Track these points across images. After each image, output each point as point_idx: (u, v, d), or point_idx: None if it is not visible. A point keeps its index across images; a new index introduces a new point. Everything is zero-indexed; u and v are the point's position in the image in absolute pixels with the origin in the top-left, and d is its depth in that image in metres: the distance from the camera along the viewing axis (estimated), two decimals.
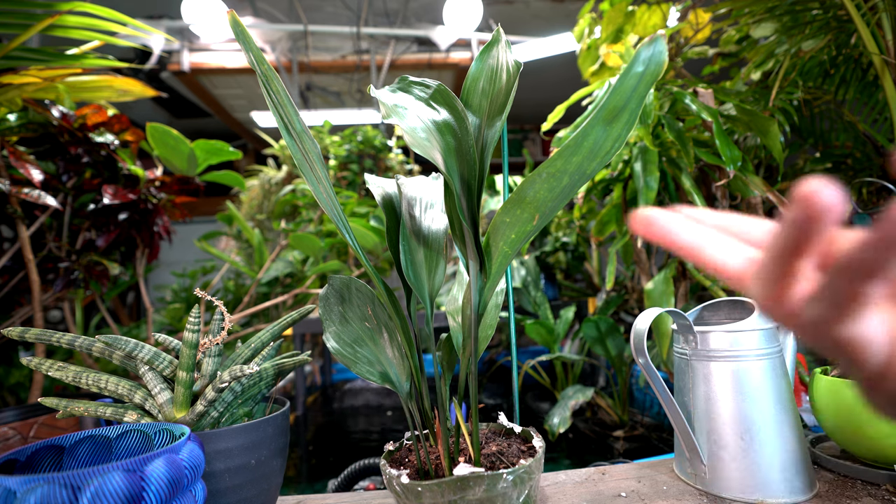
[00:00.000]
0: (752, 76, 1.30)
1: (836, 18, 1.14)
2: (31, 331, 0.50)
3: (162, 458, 0.35)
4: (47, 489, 0.31)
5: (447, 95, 0.43)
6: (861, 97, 1.27)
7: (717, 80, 1.55)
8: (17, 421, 0.78)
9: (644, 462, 0.67)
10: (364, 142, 2.47)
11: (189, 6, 2.59)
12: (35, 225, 1.00)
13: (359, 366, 0.53)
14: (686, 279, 1.30)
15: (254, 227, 2.47)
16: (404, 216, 0.51)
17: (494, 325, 0.56)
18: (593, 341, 1.62)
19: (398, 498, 0.47)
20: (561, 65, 3.10)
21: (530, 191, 0.38)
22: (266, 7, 3.05)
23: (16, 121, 0.98)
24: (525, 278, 2.05)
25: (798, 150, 1.55)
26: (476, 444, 0.49)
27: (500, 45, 0.46)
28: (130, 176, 1.10)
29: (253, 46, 0.39)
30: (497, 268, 0.45)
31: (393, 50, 3.14)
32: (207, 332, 0.54)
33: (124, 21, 0.92)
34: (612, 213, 1.38)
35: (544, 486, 0.60)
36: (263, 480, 0.50)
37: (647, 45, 0.34)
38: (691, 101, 1.07)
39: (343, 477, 1.06)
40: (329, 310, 0.55)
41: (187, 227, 3.84)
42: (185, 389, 0.49)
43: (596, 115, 0.35)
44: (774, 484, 0.52)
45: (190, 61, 2.97)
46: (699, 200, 1.07)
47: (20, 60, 0.92)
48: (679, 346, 0.61)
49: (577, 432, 1.69)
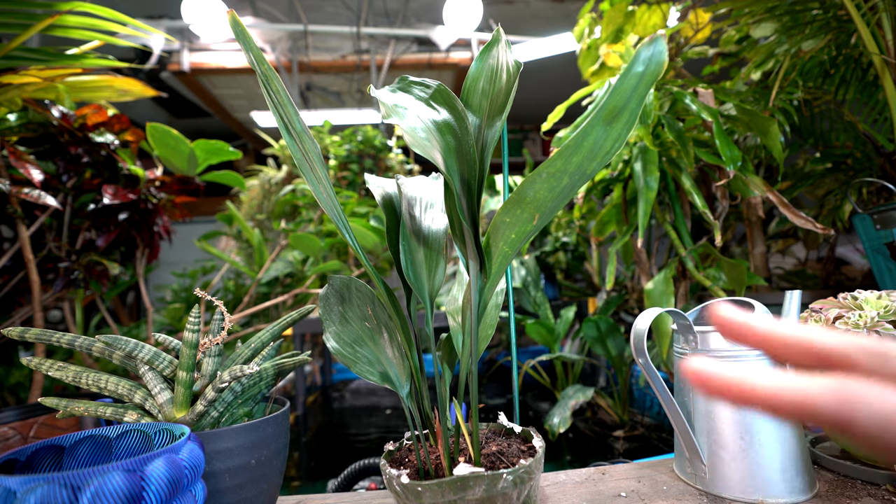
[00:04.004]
0: (752, 76, 1.30)
1: (836, 18, 1.14)
2: (31, 331, 0.50)
3: (162, 458, 0.35)
4: (47, 489, 0.31)
5: (447, 95, 0.43)
6: (861, 97, 1.27)
7: (717, 80, 1.55)
8: (17, 421, 0.78)
9: (644, 462, 0.67)
10: (364, 142, 2.47)
11: (189, 6, 2.59)
12: (35, 225, 1.00)
13: (359, 366, 0.53)
14: (686, 279, 1.30)
15: (254, 227, 2.47)
16: (404, 216, 0.51)
17: (494, 325, 0.56)
18: (593, 341, 1.62)
19: (398, 498, 0.47)
20: (561, 65, 3.10)
21: (530, 191, 0.38)
22: (266, 7, 3.05)
23: (16, 121, 0.98)
24: (525, 278, 2.05)
25: (798, 150, 1.55)
26: (476, 444, 0.49)
27: (500, 45, 0.46)
28: (130, 176, 1.10)
29: (253, 46, 0.39)
30: (497, 268, 0.45)
31: (393, 50, 3.14)
32: (207, 332, 0.54)
33: (124, 21, 0.92)
34: (612, 213, 1.37)
35: (544, 486, 0.60)
36: (263, 480, 0.50)
37: (647, 45, 0.34)
38: (691, 101, 1.07)
39: (343, 477, 1.06)
40: (329, 310, 0.55)
41: (187, 227, 3.84)
42: (185, 389, 0.49)
43: (596, 115, 0.35)
44: (774, 484, 0.52)
45: (190, 61, 2.97)
46: (699, 200, 1.07)
47: (20, 60, 0.92)
48: (679, 346, 0.61)
49: (577, 432, 1.69)
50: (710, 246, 1.15)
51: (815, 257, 1.97)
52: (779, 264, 2.03)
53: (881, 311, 0.57)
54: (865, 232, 1.04)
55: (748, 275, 1.06)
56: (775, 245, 1.83)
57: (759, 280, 1.13)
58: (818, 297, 0.68)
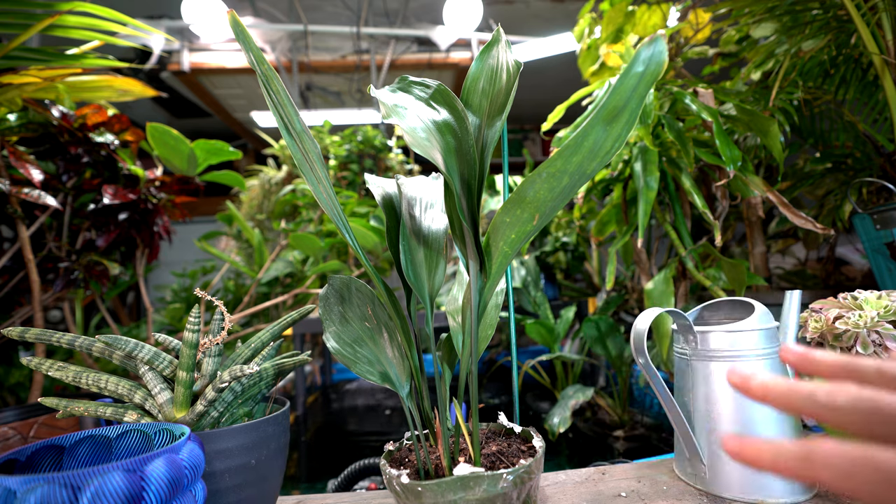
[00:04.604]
0: (752, 76, 1.30)
1: (836, 18, 1.14)
2: (31, 331, 0.50)
3: (162, 458, 0.35)
4: (47, 489, 0.31)
5: (447, 95, 0.43)
6: (861, 97, 1.27)
7: (717, 80, 1.55)
8: (17, 421, 0.78)
9: (644, 462, 0.67)
10: (364, 142, 2.47)
11: (189, 6, 2.59)
12: (35, 225, 1.00)
13: (359, 366, 0.53)
14: (686, 279, 1.30)
15: (254, 227, 2.47)
16: (404, 216, 0.51)
17: (494, 324, 0.56)
18: (593, 341, 1.62)
19: (398, 498, 0.47)
20: (561, 65, 3.10)
21: (530, 191, 0.38)
22: (266, 7, 3.05)
23: (16, 121, 0.98)
24: (525, 278, 2.05)
25: (798, 150, 1.55)
26: (476, 443, 0.50)
27: (500, 45, 0.46)
28: (130, 176, 1.10)
29: (253, 46, 0.39)
30: (497, 268, 0.45)
31: (393, 50, 3.13)
32: (207, 332, 0.54)
33: (124, 21, 0.92)
34: (612, 213, 1.38)
35: (544, 486, 0.60)
36: (263, 480, 0.50)
37: (647, 45, 0.34)
38: (691, 101, 1.07)
39: (343, 477, 1.06)
40: (329, 310, 0.55)
41: (187, 227, 3.83)
42: (185, 389, 0.49)
43: (596, 115, 0.35)
44: (774, 484, 0.52)
45: (190, 61, 2.97)
46: (699, 200, 1.07)
47: (20, 60, 0.92)
48: (679, 346, 0.61)
49: (577, 432, 1.69)
50: (710, 246, 1.15)
51: (815, 257, 1.97)
52: (779, 264, 2.03)
53: (881, 311, 0.57)
54: (865, 232, 1.04)
55: (748, 275, 1.06)
56: (775, 245, 1.83)
57: (759, 280, 1.13)
58: (818, 297, 0.68)
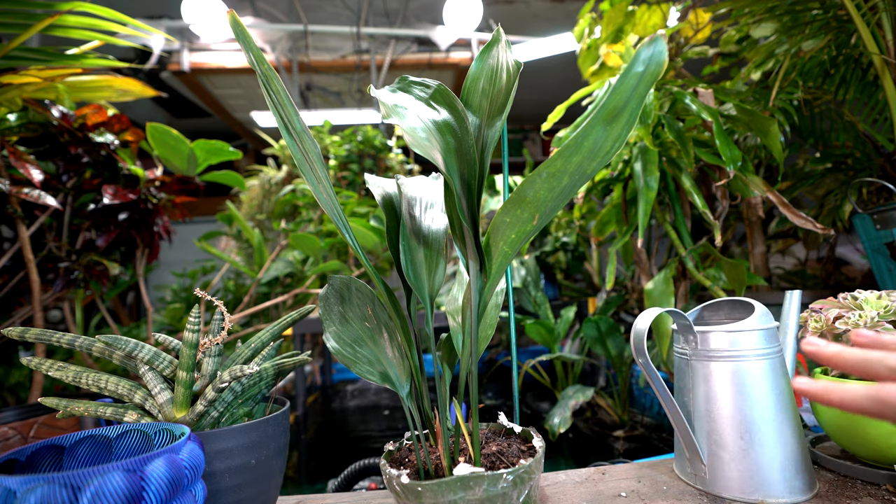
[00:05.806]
0: (752, 76, 1.30)
1: (836, 18, 1.14)
2: (31, 331, 0.50)
3: (162, 458, 0.35)
4: (47, 489, 0.31)
5: (447, 95, 0.43)
6: (861, 97, 1.27)
7: (717, 80, 1.55)
8: (17, 421, 0.78)
9: (644, 462, 0.67)
10: (364, 142, 2.47)
11: (189, 6, 2.59)
12: (35, 225, 1.00)
13: (359, 366, 0.53)
14: (686, 279, 1.30)
15: (254, 227, 2.47)
16: (404, 216, 0.51)
17: (494, 324, 0.56)
18: (593, 341, 1.62)
19: (398, 498, 0.47)
20: (561, 65, 3.10)
21: (530, 191, 0.38)
22: (266, 7, 3.05)
23: (16, 121, 0.98)
24: (525, 278, 2.05)
25: (798, 150, 1.55)
26: (476, 444, 0.49)
27: (500, 45, 0.46)
28: (130, 176, 1.10)
29: (253, 46, 0.39)
30: (497, 268, 0.45)
31: (393, 50, 3.13)
32: (207, 332, 0.54)
33: (124, 21, 0.92)
34: (612, 213, 1.38)
35: (544, 486, 0.60)
36: (263, 480, 0.50)
37: (647, 45, 0.34)
38: (691, 101, 1.07)
39: (343, 477, 1.06)
40: (329, 310, 0.55)
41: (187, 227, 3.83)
42: (185, 389, 0.49)
43: (596, 115, 0.35)
44: (774, 484, 0.52)
45: (190, 61, 2.97)
46: (699, 200, 1.07)
47: (20, 60, 0.92)
48: (679, 346, 0.61)
49: (577, 432, 1.69)
50: (710, 246, 1.15)
51: (815, 257, 1.97)
52: (779, 264, 2.03)
53: (881, 311, 0.57)
54: (865, 232, 1.04)
55: (748, 275, 1.06)
56: (775, 245, 1.83)
57: (759, 280, 1.13)
58: (818, 297, 0.68)
